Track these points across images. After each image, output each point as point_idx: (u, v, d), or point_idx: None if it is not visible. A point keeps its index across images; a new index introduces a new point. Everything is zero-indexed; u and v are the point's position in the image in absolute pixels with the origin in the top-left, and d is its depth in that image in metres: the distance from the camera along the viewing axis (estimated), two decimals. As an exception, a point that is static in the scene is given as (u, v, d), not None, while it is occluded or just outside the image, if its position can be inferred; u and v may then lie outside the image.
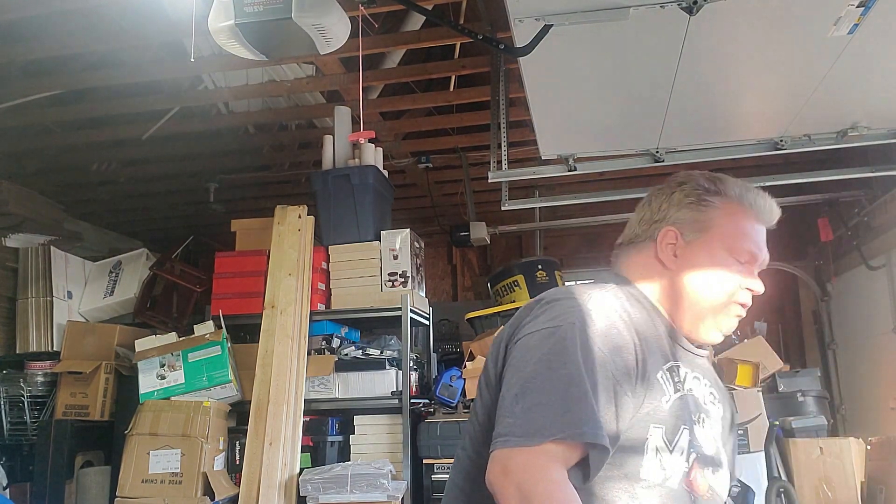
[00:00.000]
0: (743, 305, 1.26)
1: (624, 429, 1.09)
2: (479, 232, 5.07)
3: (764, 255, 1.27)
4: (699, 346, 1.28)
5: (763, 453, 3.40)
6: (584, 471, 1.05)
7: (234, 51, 2.37)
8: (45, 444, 3.83)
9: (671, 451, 1.13)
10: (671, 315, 1.26)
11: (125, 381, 3.97)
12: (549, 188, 5.51)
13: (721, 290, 1.24)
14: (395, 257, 3.67)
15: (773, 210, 1.29)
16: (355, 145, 3.87)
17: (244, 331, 3.84)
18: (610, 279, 1.29)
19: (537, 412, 1.03)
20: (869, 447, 3.40)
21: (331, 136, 3.93)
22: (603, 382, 1.07)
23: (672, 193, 1.28)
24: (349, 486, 3.15)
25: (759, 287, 1.25)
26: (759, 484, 3.26)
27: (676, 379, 1.19)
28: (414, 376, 3.64)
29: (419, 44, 3.46)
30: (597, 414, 1.03)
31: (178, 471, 3.34)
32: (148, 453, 3.38)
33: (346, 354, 3.63)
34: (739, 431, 3.43)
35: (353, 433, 3.55)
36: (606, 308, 1.16)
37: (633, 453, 1.10)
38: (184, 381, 3.54)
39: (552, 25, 2.17)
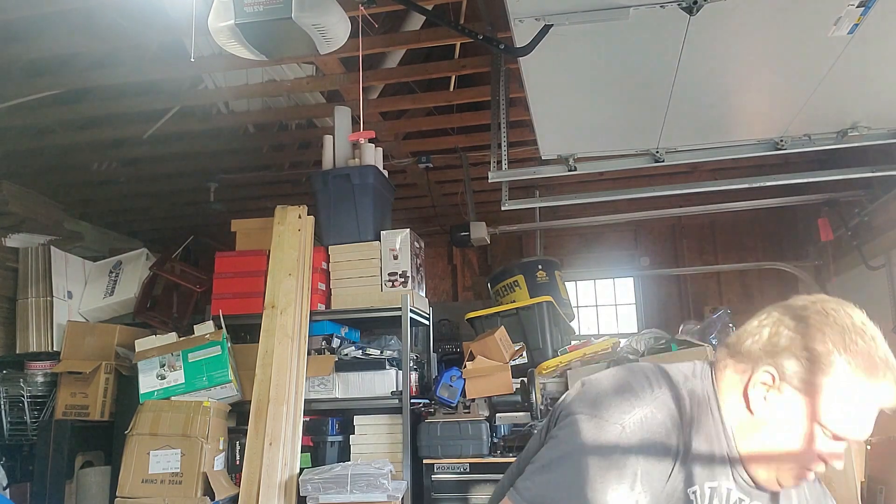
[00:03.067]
0: (809, 470, 1.17)
1: None
2: (479, 232, 5.07)
3: (862, 437, 1.14)
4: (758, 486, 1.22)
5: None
6: None
7: (234, 51, 2.37)
8: (45, 444, 3.82)
9: None
10: (738, 446, 1.20)
11: (125, 381, 3.97)
12: (549, 188, 5.51)
13: (796, 456, 1.15)
14: (395, 257, 3.67)
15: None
16: (355, 145, 3.87)
17: (244, 331, 3.84)
18: (700, 378, 1.24)
19: (551, 491, 1.10)
20: (869, 447, 3.40)
21: (331, 136, 3.93)
22: (623, 491, 1.11)
23: (796, 334, 1.14)
24: (349, 486, 3.15)
25: (839, 463, 1.15)
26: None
27: (716, 500, 1.18)
28: (414, 376, 3.64)
29: (419, 44, 3.46)
30: None
31: (178, 471, 3.34)
32: (148, 453, 3.38)
33: (346, 354, 3.63)
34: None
35: (353, 433, 3.54)
36: (664, 413, 1.16)
37: None
38: (184, 381, 3.54)
39: (552, 25, 2.17)
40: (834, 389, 1.10)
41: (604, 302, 6.55)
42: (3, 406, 4.16)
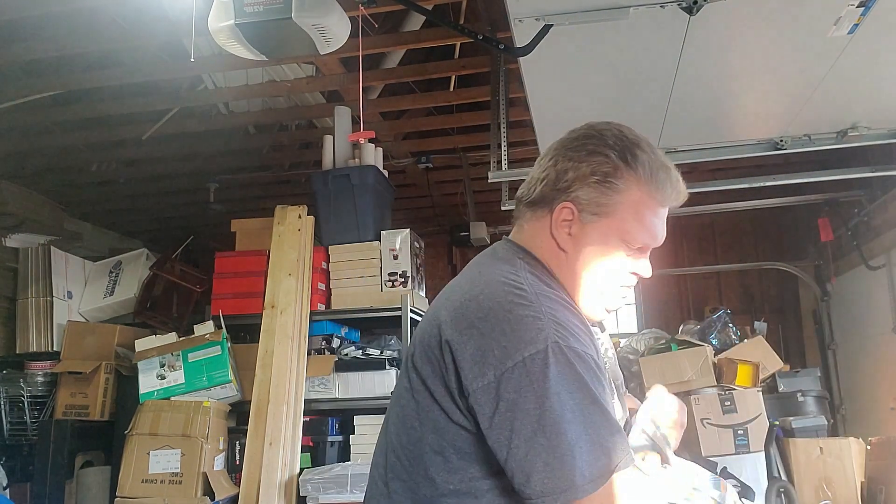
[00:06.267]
0: (629, 287, 1.23)
1: None
2: (479, 232, 5.07)
3: (659, 241, 1.23)
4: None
5: (763, 453, 3.40)
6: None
7: (234, 51, 2.37)
8: (45, 444, 3.82)
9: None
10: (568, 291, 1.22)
11: (125, 381, 3.97)
12: (549, 188, 5.50)
13: (610, 278, 1.20)
14: (395, 257, 3.67)
15: (680, 193, 1.21)
16: (355, 145, 3.87)
17: (244, 331, 3.84)
18: (514, 253, 1.21)
19: (580, 454, 0.98)
20: (869, 447, 3.40)
21: (331, 136, 3.93)
22: (606, 390, 1.08)
23: (580, 163, 1.16)
24: (349, 486, 3.15)
25: (647, 272, 1.23)
26: (759, 484, 3.27)
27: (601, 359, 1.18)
28: (414, 376, 3.63)
29: (419, 44, 3.46)
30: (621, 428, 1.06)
31: (178, 471, 3.34)
32: (148, 453, 3.38)
33: (346, 354, 3.63)
34: (739, 431, 3.43)
35: (353, 433, 3.54)
36: (559, 302, 1.12)
37: None
38: (184, 381, 3.54)
39: (552, 25, 2.17)
40: (628, 204, 1.15)
41: (604, 302, 6.54)
42: (3, 406, 4.16)
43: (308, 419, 3.53)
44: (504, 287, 1.10)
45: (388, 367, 3.54)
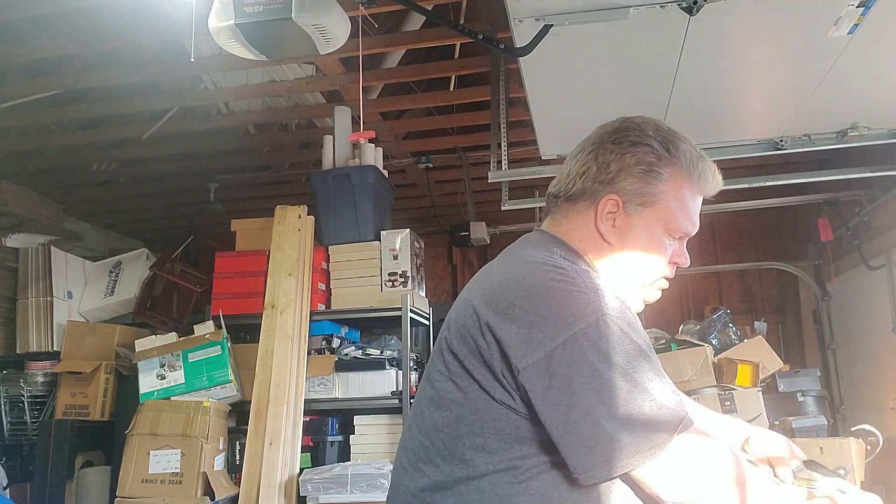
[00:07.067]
0: (667, 279, 1.24)
1: None
2: (479, 232, 5.07)
3: (697, 229, 1.24)
4: None
5: (763, 453, 3.40)
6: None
7: (234, 51, 2.37)
8: (45, 444, 3.82)
9: None
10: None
11: (125, 381, 3.97)
12: (549, 188, 5.50)
13: (653, 267, 1.21)
14: (395, 257, 3.67)
15: (717, 182, 1.24)
16: (355, 145, 3.87)
17: (244, 331, 3.84)
18: (549, 241, 1.20)
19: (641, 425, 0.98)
20: (869, 447, 3.40)
21: (331, 136, 3.93)
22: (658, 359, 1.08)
23: (623, 154, 1.17)
24: (349, 486, 3.15)
25: (686, 261, 1.24)
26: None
27: None
28: (414, 376, 3.64)
29: (419, 44, 3.46)
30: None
31: (178, 471, 3.34)
32: (148, 453, 3.38)
33: (346, 354, 3.63)
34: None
35: (353, 433, 3.54)
36: (593, 278, 1.10)
37: None
38: (184, 381, 3.54)
39: (552, 25, 2.17)
40: (672, 193, 1.18)
41: (604, 302, 6.53)
42: (3, 406, 4.16)
43: (308, 419, 3.53)
44: (543, 267, 1.09)
45: (388, 367, 3.54)
